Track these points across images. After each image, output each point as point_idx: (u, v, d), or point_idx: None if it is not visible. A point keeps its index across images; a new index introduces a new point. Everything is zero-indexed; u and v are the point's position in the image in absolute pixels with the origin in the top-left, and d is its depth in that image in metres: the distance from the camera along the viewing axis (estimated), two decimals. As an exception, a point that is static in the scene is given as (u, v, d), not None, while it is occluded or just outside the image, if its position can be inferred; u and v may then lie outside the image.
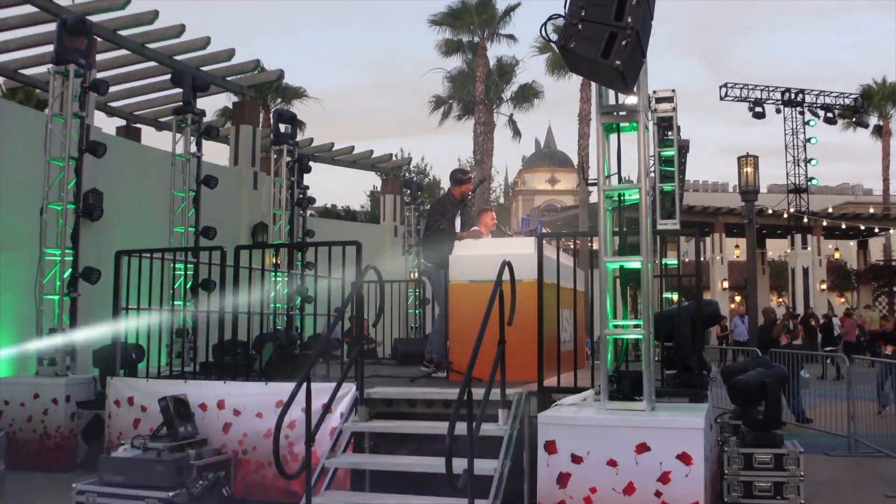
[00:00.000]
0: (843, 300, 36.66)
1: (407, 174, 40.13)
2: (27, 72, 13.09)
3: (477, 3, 28.40)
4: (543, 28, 4.72)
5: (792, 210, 28.23)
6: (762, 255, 31.80)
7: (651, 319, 5.23)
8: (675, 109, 11.40)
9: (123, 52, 12.71)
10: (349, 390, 6.06)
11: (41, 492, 6.82)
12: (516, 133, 31.37)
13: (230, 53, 13.71)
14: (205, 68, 13.64)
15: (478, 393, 4.96)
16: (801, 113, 29.17)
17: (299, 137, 16.12)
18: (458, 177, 7.87)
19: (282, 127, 13.49)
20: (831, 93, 29.68)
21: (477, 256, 7.13)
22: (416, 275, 17.84)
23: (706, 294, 26.48)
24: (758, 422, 6.36)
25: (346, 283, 6.57)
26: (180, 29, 12.39)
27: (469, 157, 33.88)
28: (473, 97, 28.38)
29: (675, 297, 7.63)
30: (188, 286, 10.35)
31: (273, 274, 12.31)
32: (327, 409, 5.68)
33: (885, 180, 33.32)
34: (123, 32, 12.12)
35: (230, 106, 19.52)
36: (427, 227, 7.74)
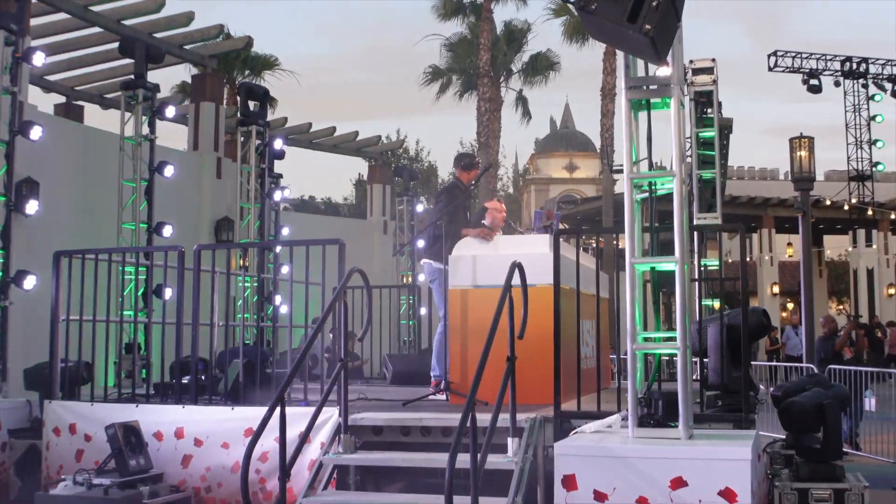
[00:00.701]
0: (914, 307, 36.65)
1: (399, 160, 40.35)
2: (-52, 40, 13.08)
3: (480, -46, 28.42)
4: (560, -14, 4.71)
5: (854, 201, 28.23)
6: (819, 254, 31.82)
7: (688, 331, 5.22)
8: (715, 82, 11.44)
9: (63, 15, 12.68)
10: (331, 416, 6.06)
11: (-34, 537, 6.81)
12: (527, 111, 31.37)
13: (189, 17, 13.70)
14: (159, 35, 13.62)
15: (483, 419, 4.96)
16: (865, 86, 29.15)
17: (271, 117, 16.09)
18: (466, 161, 8.05)
19: (250, 104, 13.47)
20: (900, 62, 29.63)
21: (481, 257, 7.12)
22: (409, 279, 17.87)
23: (753, 301, 26.50)
24: (814, 451, 6.36)
25: (326, 289, 6.56)
26: (130, -12, 12.40)
27: (472, 139, 33.87)
28: (477, 69, 28.35)
29: (717, 304, 7.63)
30: (140, 293, 10.34)
31: (240, 278, 12.31)
32: (305, 438, 5.67)
33: (966, 165, 33.32)
34: (62, -7, 12.11)
35: (189, 80, 19.51)
36: (434, 219, 7.74)
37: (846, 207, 28.11)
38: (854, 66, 29.04)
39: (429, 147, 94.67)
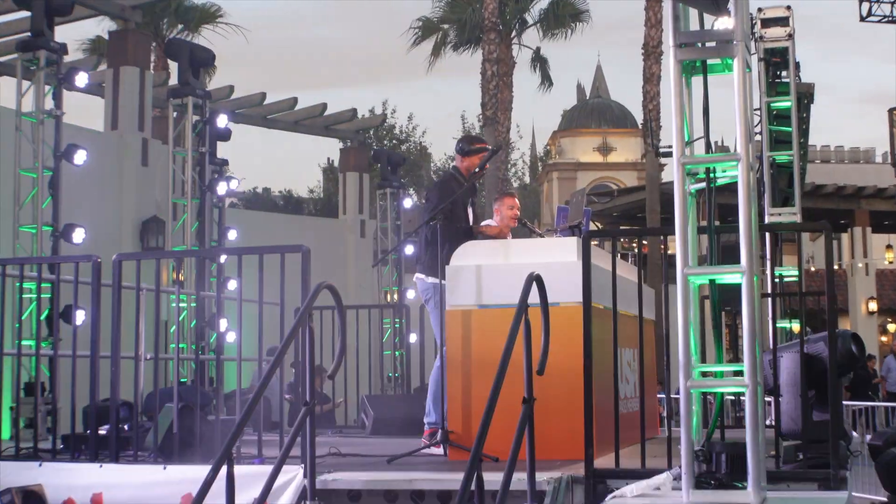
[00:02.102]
0: None
1: (382, 141, 40.38)
2: None
3: None
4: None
5: (974, 190, 28.27)
6: (929, 259, 31.83)
7: (759, 363, 5.22)
8: (791, 37, 11.48)
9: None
10: (293, 477, 6.06)
11: None
12: (547, 76, 31.43)
13: (104, -43, 13.74)
14: (65, -20, 13.64)
15: (493, 479, 4.96)
16: None
17: (213, 86, 16.14)
18: (463, 145, 8.08)
19: (185, 70, 13.48)
20: None
21: (488, 267, 7.12)
22: (395, 296, 17.88)
23: (843, 321, 26.51)
24: (924, 518, 6.38)
25: (286, 310, 6.56)
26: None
27: (477, 112, 33.88)
28: (481, 20, 28.33)
29: (796, 326, 7.64)
30: (43, 317, 10.33)
31: (174, 297, 12.30)
32: (260, 505, 5.67)
33: None
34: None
35: (105, 37, 19.54)
36: (425, 220, 7.74)
37: (963, 198, 28.17)
38: (972, 14, 29.06)
39: (423, 124, 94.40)
